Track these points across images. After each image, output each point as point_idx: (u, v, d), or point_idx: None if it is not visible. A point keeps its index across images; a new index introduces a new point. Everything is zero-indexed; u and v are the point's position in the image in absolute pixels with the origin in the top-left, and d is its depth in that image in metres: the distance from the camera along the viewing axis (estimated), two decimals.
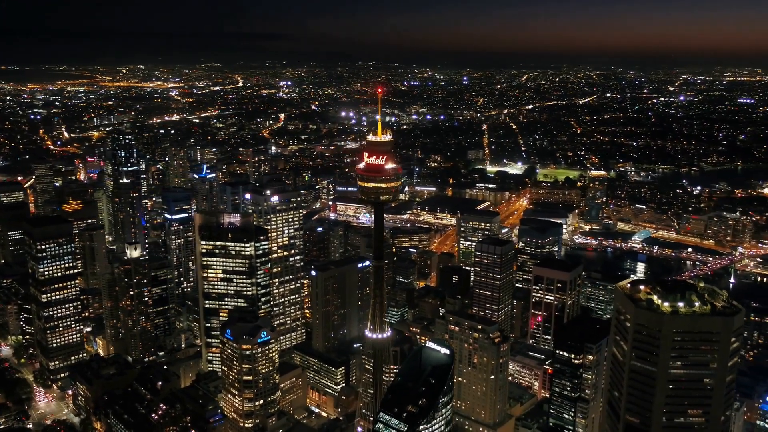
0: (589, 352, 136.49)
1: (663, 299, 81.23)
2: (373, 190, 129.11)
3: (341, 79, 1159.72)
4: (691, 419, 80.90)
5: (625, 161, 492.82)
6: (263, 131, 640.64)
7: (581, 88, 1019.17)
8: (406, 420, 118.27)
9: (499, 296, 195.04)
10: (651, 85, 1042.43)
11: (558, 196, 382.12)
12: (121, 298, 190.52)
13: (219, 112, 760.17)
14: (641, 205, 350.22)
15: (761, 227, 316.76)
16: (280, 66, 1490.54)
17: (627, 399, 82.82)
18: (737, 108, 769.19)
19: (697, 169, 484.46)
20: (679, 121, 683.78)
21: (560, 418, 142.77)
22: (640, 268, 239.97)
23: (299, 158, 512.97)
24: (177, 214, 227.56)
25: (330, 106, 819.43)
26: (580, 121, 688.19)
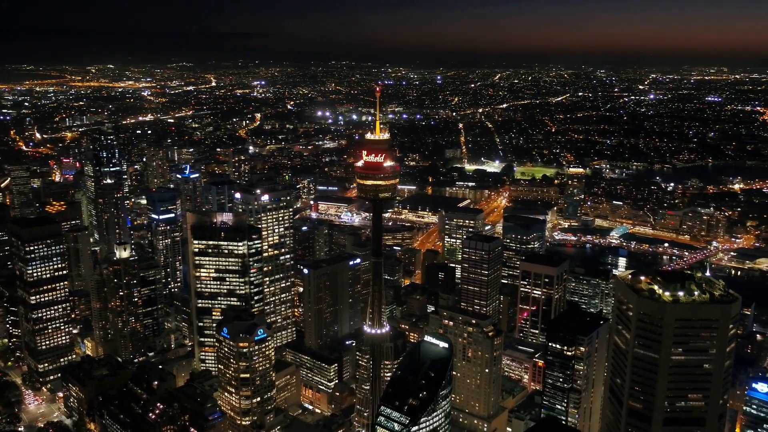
0: (580, 343, 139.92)
1: (664, 289, 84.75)
2: (372, 188, 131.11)
3: (315, 79, 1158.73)
4: (691, 403, 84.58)
5: (599, 159, 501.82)
6: (240, 131, 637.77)
7: (554, 87, 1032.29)
8: (407, 413, 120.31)
9: (487, 292, 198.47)
10: (621, 83, 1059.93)
11: (536, 194, 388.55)
12: (111, 299, 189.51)
13: (194, 112, 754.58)
14: (618, 202, 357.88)
15: (734, 222, 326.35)
16: (252, 66, 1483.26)
17: (630, 385, 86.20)
18: (706, 106, 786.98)
19: (669, 166, 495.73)
20: (650, 119, 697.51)
21: (553, 408, 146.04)
22: (621, 262, 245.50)
23: (278, 158, 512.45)
24: (163, 215, 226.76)
25: (306, 105, 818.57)
26: (554, 120, 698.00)
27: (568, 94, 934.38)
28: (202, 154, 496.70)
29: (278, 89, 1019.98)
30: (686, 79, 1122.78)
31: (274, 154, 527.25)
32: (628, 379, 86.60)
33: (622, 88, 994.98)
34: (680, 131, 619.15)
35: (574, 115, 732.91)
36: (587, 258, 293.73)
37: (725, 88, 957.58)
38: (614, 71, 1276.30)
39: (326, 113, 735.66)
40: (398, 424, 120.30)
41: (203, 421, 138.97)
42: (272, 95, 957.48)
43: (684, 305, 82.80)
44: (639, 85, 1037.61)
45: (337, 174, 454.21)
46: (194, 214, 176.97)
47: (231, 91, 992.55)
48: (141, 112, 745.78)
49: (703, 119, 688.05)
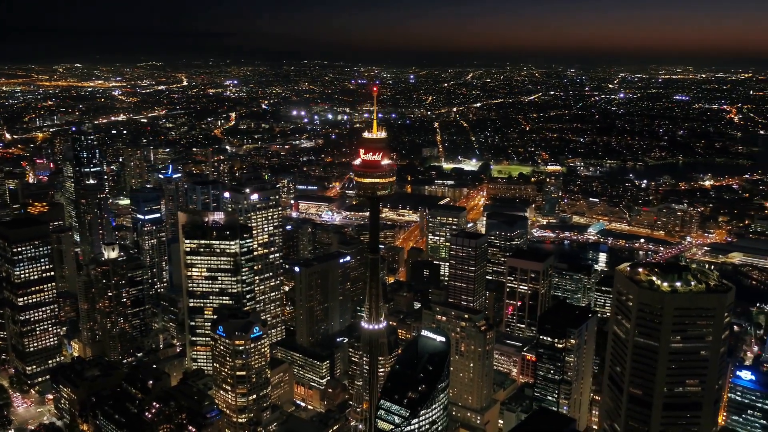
0: (571, 336, 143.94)
1: (662, 280, 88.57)
2: (370, 185, 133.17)
3: (288, 78, 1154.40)
4: (689, 389, 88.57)
5: (573, 157, 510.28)
6: (215, 131, 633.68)
7: (526, 86, 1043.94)
8: (407, 406, 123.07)
9: (474, 287, 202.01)
10: (592, 83, 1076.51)
11: (514, 191, 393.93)
12: (99, 300, 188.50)
13: (167, 111, 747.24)
14: (594, 199, 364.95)
15: (706, 218, 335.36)
16: (224, 65, 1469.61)
17: (631, 373, 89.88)
18: (674, 105, 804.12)
19: (641, 163, 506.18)
20: (621, 117, 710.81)
21: (544, 400, 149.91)
22: (602, 257, 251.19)
23: (255, 157, 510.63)
24: (149, 215, 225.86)
25: (280, 105, 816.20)
26: (528, 119, 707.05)
27: (540, 93, 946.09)
28: (178, 154, 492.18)
29: (251, 88, 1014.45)
30: (654, 79, 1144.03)
31: (251, 154, 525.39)
32: (629, 367, 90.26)
33: (593, 87, 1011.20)
34: (651, 129, 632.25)
35: (547, 113, 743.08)
36: (567, 254, 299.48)
37: (692, 87, 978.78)
38: (584, 70, 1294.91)
39: (301, 112, 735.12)
40: (398, 417, 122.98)
41: (201, 419, 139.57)
42: (246, 95, 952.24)
43: (682, 295, 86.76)
44: (609, 84, 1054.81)
45: (316, 173, 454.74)
46: (186, 214, 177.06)
47: (204, 91, 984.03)
48: (113, 111, 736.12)
49: (672, 118, 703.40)
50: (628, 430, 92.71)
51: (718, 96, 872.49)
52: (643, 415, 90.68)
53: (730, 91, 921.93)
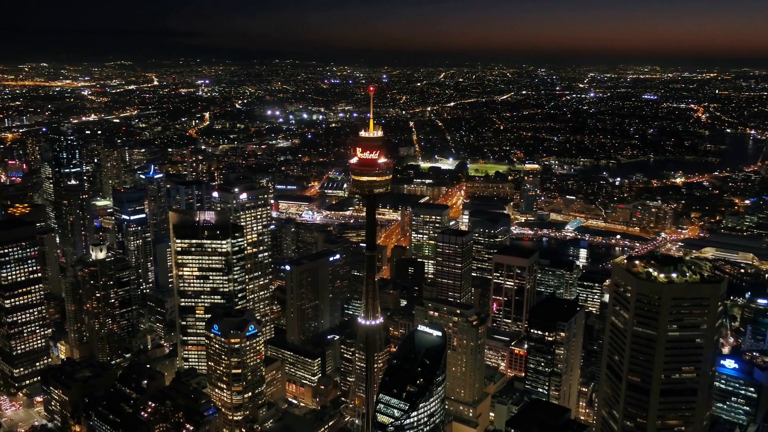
0: (561, 329, 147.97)
1: (659, 271, 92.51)
2: (368, 184, 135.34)
3: (261, 78, 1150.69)
4: (685, 375, 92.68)
5: (548, 155, 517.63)
6: (190, 131, 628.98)
7: (498, 85, 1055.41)
8: (406, 399, 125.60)
9: (461, 284, 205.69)
10: (562, 82, 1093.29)
11: (492, 190, 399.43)
12: (86, 301, 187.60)
13: (139, 111, 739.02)
14: (571, 197, 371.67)
15: (679, 214, 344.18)
16: (194, 64, 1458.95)
17: (629, 361, 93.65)
18: (643, 104, 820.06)
19: (614, 161, 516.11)
20: (593, 116, 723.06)
21: (535, 392, 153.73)
22: (582, 253, 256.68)
23: (232, 157, 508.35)
24: (134, 215, 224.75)
25: (255, 104, 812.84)
26: (502, 118, 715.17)
27: (512, 92, 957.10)
28: (154, 154, 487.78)
29: (224, 88, 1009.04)
30: (623, 78, 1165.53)
31: (227, 154, 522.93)
32: (628, 355, 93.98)
33: (563, 87, 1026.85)
34: (622, 128, 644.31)
35: (520, 113, 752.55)
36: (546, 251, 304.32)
37: (660, 87, 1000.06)
38: (554, 70, 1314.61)
39: (276, 112, 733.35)
40: (398, 411, 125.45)
41: (199, 417, 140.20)
42: (218, 94, 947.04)
43: (678, 285, 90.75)
44: (579, 83, 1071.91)
45: (294, 173, 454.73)
46: (176, 214, 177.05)
47: (175, 90, 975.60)
48: (83, 112, 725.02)
49: (641, 116, 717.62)
50: (626, 416, 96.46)
51: (685, 95, 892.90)
52: (641, 401, 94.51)
53: (697, 91, 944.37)
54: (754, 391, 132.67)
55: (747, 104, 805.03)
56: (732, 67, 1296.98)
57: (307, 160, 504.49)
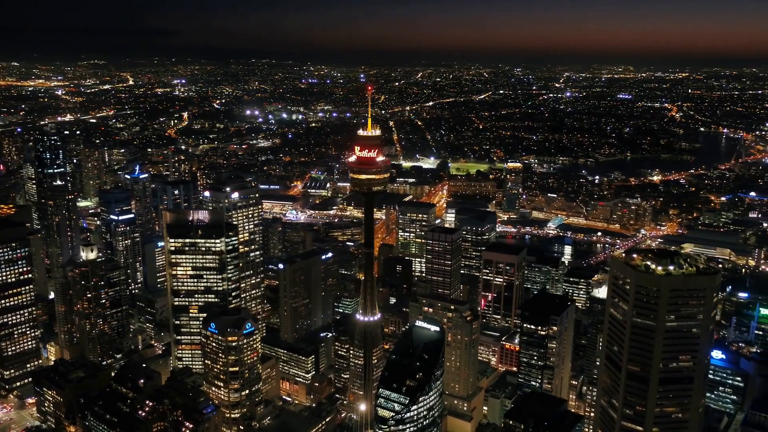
0: (553, 323, 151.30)
1: (656, 264, 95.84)
2: (366, 181, 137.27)
3: (237, 77, 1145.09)
4: (682, 364, 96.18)
5: (527, 154, 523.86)
6: (169, 131, 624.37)
7: (475, 85, 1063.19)
8: (406, 393, 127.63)
9: (451, 281, 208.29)
10: (539, 82, 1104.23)
11: (475, 188, 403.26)
12: (76, 302, 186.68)
13: (115, 111, 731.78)
14: (552, 195, 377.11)
15: (658, 211, 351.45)
16: (170, 63, 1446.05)
17: (629, 351, 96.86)
18: (618, 103, 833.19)
19: (592, 160, 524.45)
20: (570, 116, 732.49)
21: (528, 385, 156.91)
22: (567, 250, 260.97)
23: (212, 157, 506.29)
24: (122, 215, 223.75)
25: (233, 104, 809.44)
26: (480, 117, 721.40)
27: (490, 92, 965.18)
28: (133, 154, 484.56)
29: (200, 88, 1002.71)
30: (597, 78, 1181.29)
31: (208, 154, 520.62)
32: (627, 346, 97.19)
33: (540, 86, 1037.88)
34: (598, 127, 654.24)
35: (498, 112, 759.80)
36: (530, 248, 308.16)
37: (634, 86, 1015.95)
38: (530, 70, 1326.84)
39: (255, 112, 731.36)
40: (398, 405, 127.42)
41: (198, 415, 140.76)
42: (196, 94, 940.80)
43: (676, 277, 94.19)
44: (555, 83, 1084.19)
45: (276, 173, 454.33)
46: (170, 213, 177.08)
47: (151, 90, 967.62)
48: (58, 111, 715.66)
49: (617, 116, 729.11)
50: (626, 404, 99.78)
51: (659, 95, 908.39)
52: (640, 390, 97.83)
53: (670, 90, 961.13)
54: (740, 380, 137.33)
55: (719, 103, 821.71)
56: (703, 67, 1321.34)
57: (288, 159, 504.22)
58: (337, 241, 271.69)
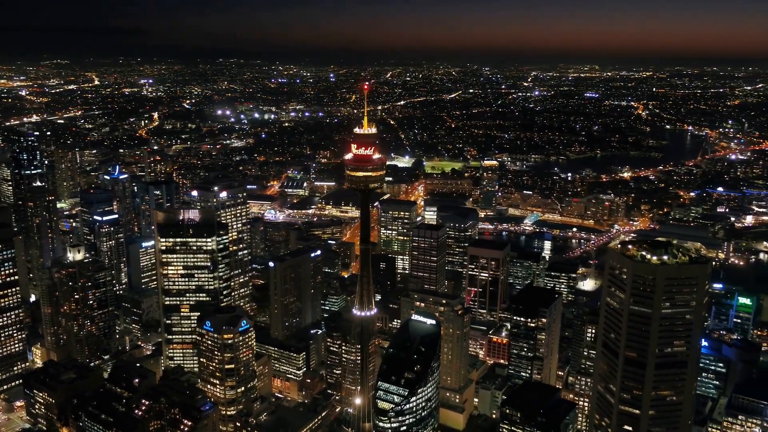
0: (542, 315, 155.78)
1: (651, 254, 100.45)
2: (363, 179, 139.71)
3: (206, 77, 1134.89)
4: (676, 349, 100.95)
5: (500, 152, 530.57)
6: (140, 131, 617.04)
7: (445, 84, 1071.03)
8: (404, 386, 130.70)
9: (437, 277, 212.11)
10: (507, 81, 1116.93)
11: (451, 186, 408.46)
12: (63, 303, 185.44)
13: (83, 112, 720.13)
14: (528, 192, 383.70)
15: (630, 207, 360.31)
16: (135, 63, 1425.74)
17: (626, 338, 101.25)
18: (586, 102, 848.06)
19: (564, 157, 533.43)
20: (540, 114, 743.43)
21: (518, 376, 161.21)
22: (547, 245, 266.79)
23: (186, 158, 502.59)
24: (105, 216, 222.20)
25: (204, 104, 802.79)
26: (452, 116, 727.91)
27: (460, 91, 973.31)
28: (105, 155, 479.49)
29: (169, 88, 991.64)
30: (564, 77, 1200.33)
31: (181, 154, 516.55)
32: (624, 333, 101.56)
33: (509, 85, 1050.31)
34: (568, 125, 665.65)
35: (469, 111, 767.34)
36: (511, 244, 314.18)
37: (600, 85, 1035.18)
38: (498, 69, 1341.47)
39: (227, 112, 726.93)
40: (397, 397, 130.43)
41: (196, 412, 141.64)
42: (164, 94, 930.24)
43: (671, 266, 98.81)
44: (523, 82, 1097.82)
45: (252, 173, 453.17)
46: (161, 212, 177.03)
47: (118, 90, 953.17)
48: (23, 112, 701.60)
49: (586, 114, 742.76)
50: (623, 389, 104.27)
51: (624, 93, 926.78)
52: (637, 374, 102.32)
53: (635, 89, 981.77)
54: (723, 366, 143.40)
55: (683, 102, 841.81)
56: (666, 66, 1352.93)
57: (263, 159, 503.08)
58: (321, 239, 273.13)
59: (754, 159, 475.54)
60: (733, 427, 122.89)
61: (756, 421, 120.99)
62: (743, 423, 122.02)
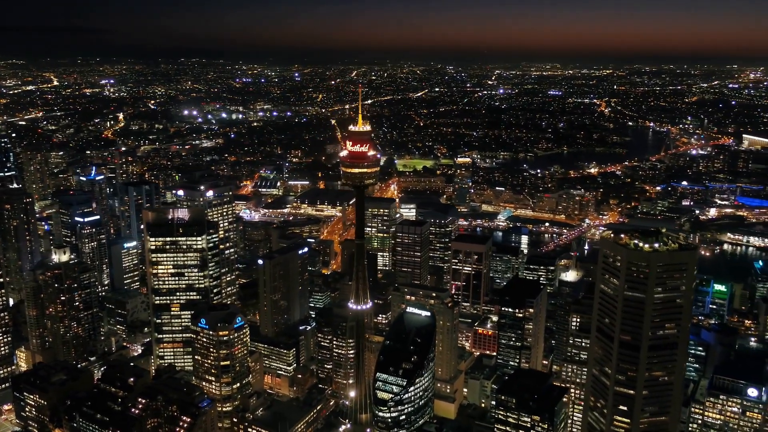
0: (530, 306, 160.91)
1: (643, 242, 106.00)
2: (358, 175, 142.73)
3: (169, 77, 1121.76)
4: (667, 331, 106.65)
5: (469, 150, 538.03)
6: (105, 132, 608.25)
7: (410, 83, 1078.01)
8: (403, 376, 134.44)
9: (420, 272, 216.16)
10: (472, 79, 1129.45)
11: (424, 184, 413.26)
12: (49, 305, 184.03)
13: (44, 113, 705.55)
14: (500, 188, 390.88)
15: (599, 201, 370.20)
16: (95, 63, 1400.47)
17: (621, 322, 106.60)
18: (550, 99, 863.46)
19: (531, 154, 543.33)
20: (506, 112, 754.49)
21: (507, 366, 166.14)
22: (524, 239, 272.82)
23: (155, 159, 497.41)
24: (87, 217, 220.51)
25: (169, 104, 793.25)
26: (419, 114, 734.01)
27: (426, 89, 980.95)
28: (72, 157, 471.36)
29: (131, 88, 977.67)
30: (527, 75, 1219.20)
31: (150, 155, 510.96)
32: (619, 317, 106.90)
33: (473, 84, 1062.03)
34: (534, 123, 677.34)
35: (436, 109, 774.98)
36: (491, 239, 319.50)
37: (563, 83, 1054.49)
38: (462, 67, 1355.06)
39: (194, 112, 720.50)
40: (396, 387, 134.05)
41: (195, 409, 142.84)
42: (127, 94, 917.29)
43: (663, 253, 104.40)
44: (487, 80, 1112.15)
45: (224, 173, 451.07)
46: (151, 212, 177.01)
47: (79, 91, 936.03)
48: None
49: (550, 111, 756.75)
50: (619, 371, 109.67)
51: (587, 91, 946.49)
52: (632, 357, 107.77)
53: (597, 86, 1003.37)
54: (702, 350, 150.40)
55: (643, 99, 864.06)
56: (625, 64, 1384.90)
57: (234, 159, 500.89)
58: (302, 237, 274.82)
59: (715, 154, 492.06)
60: (715, 406, 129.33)
61: (736, 399, 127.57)
62: (724, 402, 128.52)
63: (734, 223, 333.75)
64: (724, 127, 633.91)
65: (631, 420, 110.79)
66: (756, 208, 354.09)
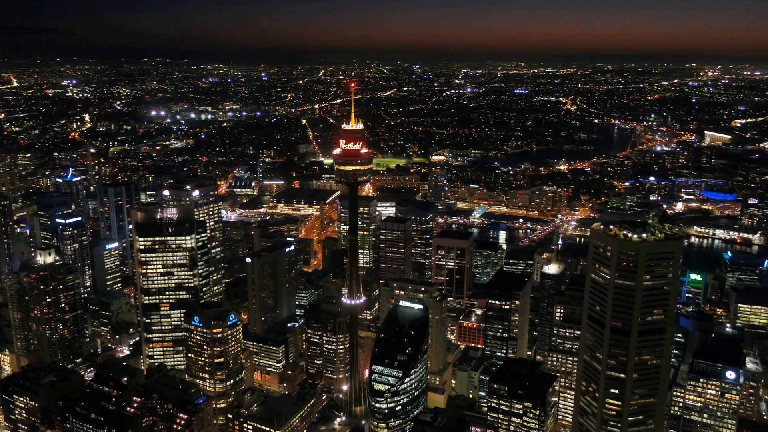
0: (515, 298, 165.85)
1: (632, 233, 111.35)
2: (352, 173, 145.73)
3: (133, 78, 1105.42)
4: (655, 317, 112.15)
5: (441, 148, 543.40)
6: (72, 133, 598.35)
7: (378, 82, 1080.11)
8: (398, 367, 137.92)
9: (404, 268, 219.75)
10: (439, 78, 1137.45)
11: (399, 182, 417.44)
12: (34, 307, 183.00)
13: (6, 115, 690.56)
14: (474, 186, 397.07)
15: (571, 197, 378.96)
16: (55, 63, 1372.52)
17: (612, 309, 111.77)
18: (517, 98, 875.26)
19: (502, 152, 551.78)
20: (474, 110, 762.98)
21: (494, 356, 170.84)
22: (502, 235, 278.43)
23: (126, 160, 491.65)
24: (68, 218, 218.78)
25: (136, 105, 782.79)
26: (390, 114, 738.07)
27: (394, 89, 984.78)
28: (40, 159, 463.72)
29: (95, 89, 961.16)
30: (493, 74, 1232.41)
31: (120, 156, 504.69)
32: (610, 305, 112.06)
33: (441, 83, 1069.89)
34: (503, 121, 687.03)
35: (406, 108, 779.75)
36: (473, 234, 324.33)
37: (528, 82, 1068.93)
38: (428, 66, 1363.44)
39: (161, 113, 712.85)
40: (392, 378, 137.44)
41: (191, 406, 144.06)
42: (90, 95, 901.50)
43: (651, 243, 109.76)
44: (455, 79, 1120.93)
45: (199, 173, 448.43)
46: (141, 212, 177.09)
47: (41, 91, 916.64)
48: None
49: (518, 110, 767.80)
50: (610, 356, 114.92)
51: (552, 89, 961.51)
52: (622, 342, 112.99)
53: (562, 85, 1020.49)
54: (681, 336, 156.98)
55: (607, 97, 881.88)
56: (588, 63, 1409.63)
57: (206, 160, 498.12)
58: (283, 236, 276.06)
59: (679, 150, 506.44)
60: (696, 389, 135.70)
61: (715, 382, 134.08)
62: (704, 385, 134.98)
63: (700, 216, 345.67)
64: (686, 124, 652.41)
65: (622, 402, 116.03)
66: (720, 202, 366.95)
